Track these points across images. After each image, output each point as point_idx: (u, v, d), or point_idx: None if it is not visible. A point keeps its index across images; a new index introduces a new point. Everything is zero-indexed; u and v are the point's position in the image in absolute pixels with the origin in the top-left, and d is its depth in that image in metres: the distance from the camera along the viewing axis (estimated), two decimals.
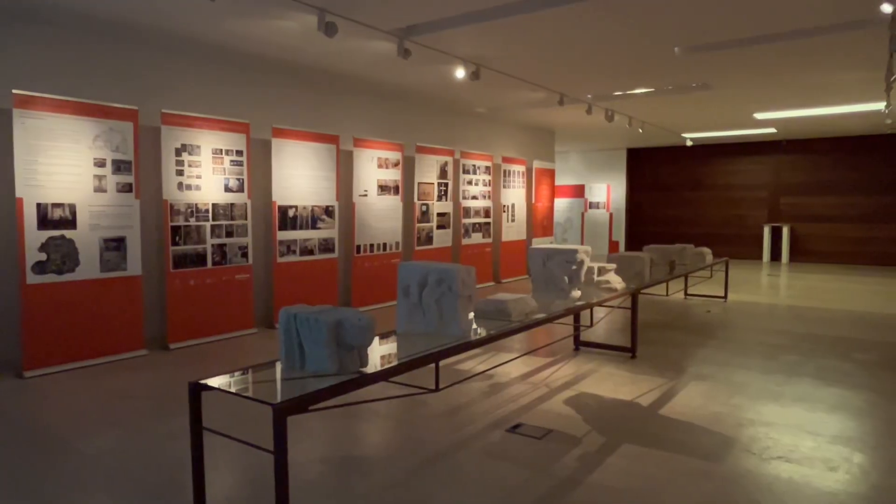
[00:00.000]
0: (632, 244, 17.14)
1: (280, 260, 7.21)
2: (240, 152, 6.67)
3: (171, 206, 6.09)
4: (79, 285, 5.40)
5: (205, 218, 6.37)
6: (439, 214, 9.77)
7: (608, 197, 17.23)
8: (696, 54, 6.57)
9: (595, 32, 5.83)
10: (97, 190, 5.51)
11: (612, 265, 5.64)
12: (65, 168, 5.30)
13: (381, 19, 5.37)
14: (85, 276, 5.43)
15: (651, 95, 8.95)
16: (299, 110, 7.81)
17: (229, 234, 6.59)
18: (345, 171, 8.12)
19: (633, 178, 17.56)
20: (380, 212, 8.62)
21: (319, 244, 7.66)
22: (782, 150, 15.22)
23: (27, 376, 5.06)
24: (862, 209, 14.33)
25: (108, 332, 5.61)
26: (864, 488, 3.10)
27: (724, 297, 9.10)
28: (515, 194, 11.76)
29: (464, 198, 10.34)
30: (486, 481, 3.18)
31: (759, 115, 11.01)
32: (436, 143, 9.79)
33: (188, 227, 6.23)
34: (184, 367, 5.46)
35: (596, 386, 4.85)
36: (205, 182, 6.36)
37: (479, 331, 3.55)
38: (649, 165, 17.26)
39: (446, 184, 9.88)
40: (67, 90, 5.48)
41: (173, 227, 6.12)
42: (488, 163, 10.91)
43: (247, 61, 6.87)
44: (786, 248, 15.05)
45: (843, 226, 14.56)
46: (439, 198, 9.76)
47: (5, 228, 5.24)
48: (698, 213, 16.57)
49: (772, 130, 13.24)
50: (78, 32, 5.70)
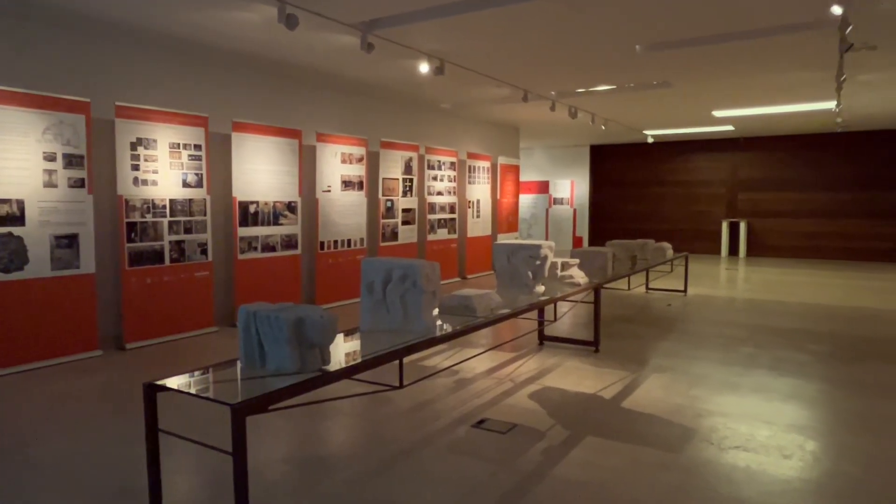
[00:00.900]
0: (595, 239, 17.38)
1: (241, 257, 7.06)
2: (198, 146, 6.50)
3: (126, 201, 5.90)
4: (27, 284, 5.19)
5: (162, 214, 6.19)
6: (404, 210, 9.73)
7: (572, 193, 17.43)
8: (656, 52, 6.67)
9: (558, 29, 5.87)
10: (47, 185, 5.30)
11: (576, 260, 5.69)
12: (12, 162, 5.07)
13: (343, 12, 5.30)
14: (34, 274, 5.22)
15: (613, 93, 9.07)
16: (260, 104, 7.65)
17: (188, 230, 6.43)
18: (307, 167, 8.01)
19: (596, 175, 17.80)
20: (344, 207, 8.53)
21: (282, 240, 7.54)
22: (740, 147, 15.62)
23: None
24: (815, 205, 14.82)
25: (60, 333, 5.41)
26: (816, 474, 3.20)
27: (684, 290, 9.29)
28: (480, 190, 11.78)
29: (429, 193, 10.31)
30: (451, 477, 3.17)
31: (718, 113, 11.27)
32: (400, 139, 9.74)
33: (145, 223, 6.05)
34: (140, 368, 5.31)
35: (560, 380, 4.89)
36: (162, 177, 6.18)
37: (443, 327, 3.53)
38: (612, 162, 17.52)
39: (411, 179, 9.84)
40: (14, 80, 5.24)
41: (129, 224, 5.93)
42: (453, 158, 10.90)
43: (205, 53, 6.70)
44: (743, 242, 15.46)
45: (797, 221, 15.03)
46: (404, 193, 9.71)
47: None
48: (659, 208, 16.89)
49: (730, 128, 13.56)
50: (26, 20, 5.46)
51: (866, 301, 8.74)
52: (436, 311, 3.56)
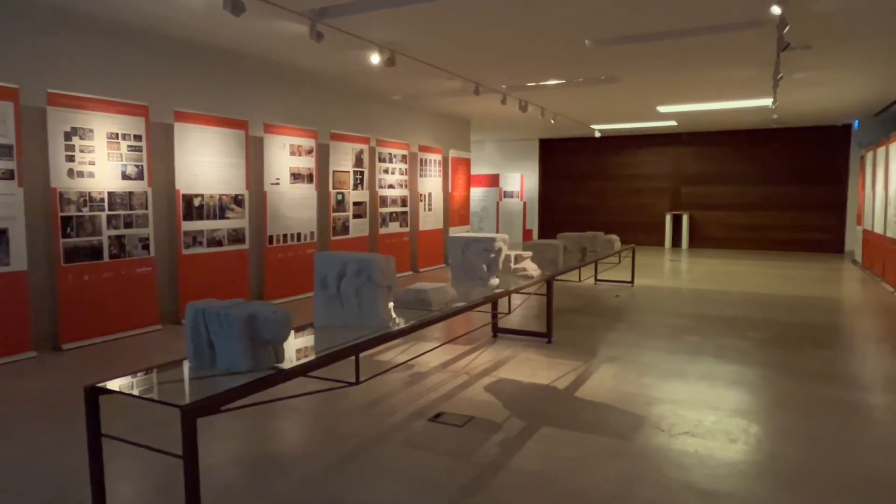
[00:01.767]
0: (544, 232, 17.64)
1: (185, 252, 6.82)
2: (138, 137, 6.22)
3: (60, 194, 5.59)
4: None
5: (100, 208, 5.90)
6: (355, 203, 9.60)
7: (521, 186, 17.62)
8: (605, 47, 6.78)
9: (509, 22, 5.88)
10: None
11: (528, 253, 5.74)
12: None
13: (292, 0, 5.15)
14: None
15: (563, 87, 9.18)
16: (205, 94, 7.38)
17: (128, 224, 6.15)
18: (255, 159, 7.79)
19: (545, 168, 18.04)
20: (293, 201, 8.34)
21: (228, 235, 7.32)
22: (682, 142, 16.11)
23: None
24: (752, 198, 15.45)
25: None
26: (759, 457, 3.33)
27: (631, 282, 9.53)
28: (432, 183, 11.75)
29: (380, 186, 10.21)
30: (408, 472, 3.15)
31: (662, 109, 11.57)
32: (351, 131, 9.59)
33: (81, 217, 5.76)
34: (79, 369, 5.05)
35: (514, 371, 4.93)
36: (99, 169, 5.89)
37: (399, 321, 3.49)
38: (560, 156, 17.79)
39: (362, 172, 9.71)
40: None
41: (64, 218, 5.63)
42: (405, 151, 10.83)
43: (146, 39, 6.40)
44: (685, 234, 15.98)
45: (736, 213, 15.65)
46: (355, 186, 9.58)
47: None
48: (606, 201, 17.27)
49: (673, 123, 13.96)
50: None
51: (801, 289, 9.17)
52: (391, 306, 3.52)
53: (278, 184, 8.10)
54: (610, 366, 5.07)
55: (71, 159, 5.67)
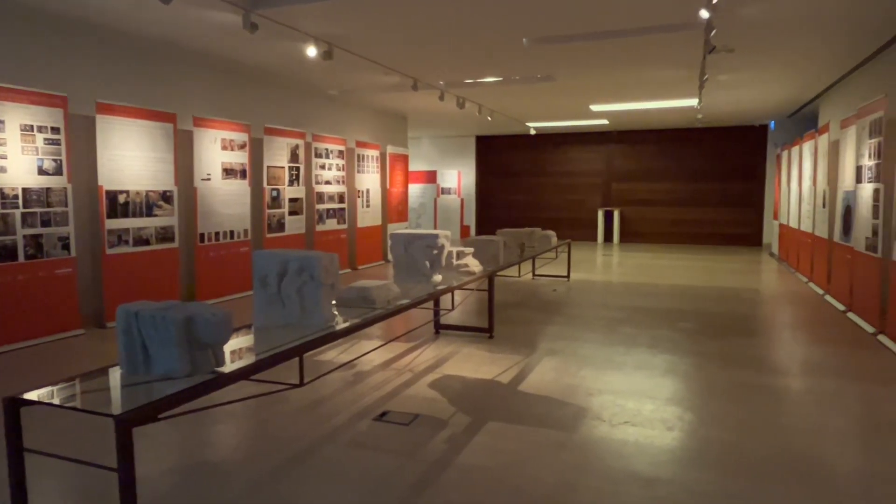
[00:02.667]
0: (482, 229, 17.81)
1: (110, 251, 6.45)
2: (56, 129, 5.83)
3: None
4: None
5: (13, 205, 5.50)
6: (291, 200, 9.37)
7: (459, 183, 17.70)
8: (542, 46, 6.88)
9: (448, 18, 5.87)
10: None
11: (470, 249, 5.77)
12: None
13: None
14: None
15: (500, 85, 9.27)
16: (130, 85, 7.00)
17: (45, 222, 5.76)
18: (184, 153, 7.46)
19: (482, 165, 18.21)
20: (226, 197, 8.05)
21: (157, 233, 6.98)
22: (613, 140, 16.63)
23: None
24: (678, 194, 16.14)
25: None
26: (695, 443, 3.47)
27: (568, 276, 9.76)
28: (370, 179, 11.63)
29: (317, 182, 10.01)
30: (355, 473, 3.09)
31: (595, 107, 11.90)
32: (286, 125, 9.34)
33: None
34: None
35: (458, 367, 4.94)
36: (12, 163, 5.48)
37: (342, 320, 3.42)
38: (497, 153, 17.99)
39: (298, 168, 9.49)
40: None
41: None
42: (342, 147, 10.65)
43: (66, 26, 6.00)
44: (617, 229, 16.51)
45: (664, 209, 16.30)
46: (291, 182, 9.35)
47: None
48: (542, 198, 17.61)
49: (605, 122, 14.39)
50: None
51: (725, 281, 9.65)
52: (333, 304, 3.45)
53: (209, 179, 7.79)
54: (551, 359, 5.16)
55: None
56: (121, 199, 6.55)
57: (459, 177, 17.73)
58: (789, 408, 4.06)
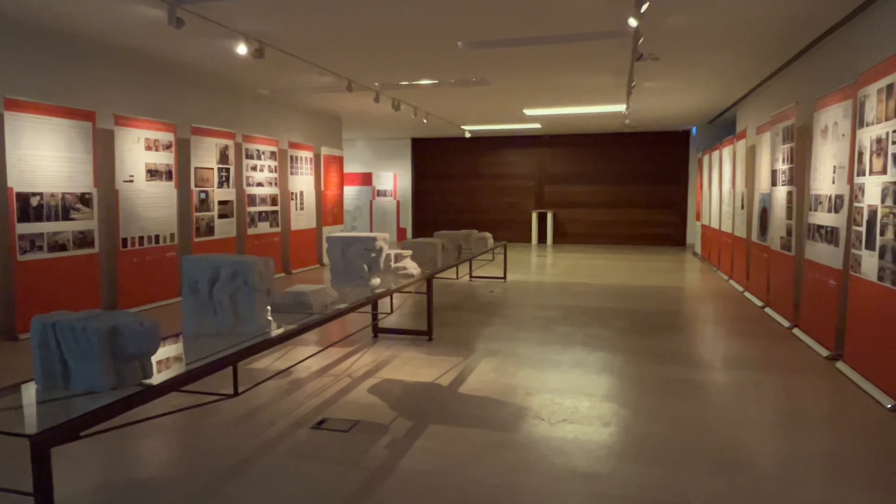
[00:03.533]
0: (418, 231, 17.80)
1: (22, 258, 6.02)
2: None
3: None
4: None
5: None
6: (221, 202, 9.05)
7: (395, 185, 17.64)
8: (476, 50, 6.94)
9: (383, 19, 5.82)
10: None
11: (409, 252, 5.73)
12: None
13: None
14: None
15: (435, 87, 9.29)
16: (44, 80, 6.55)
17: None
18: (104, 154, 7.06)
19: (417, 167, 18.20)
20: (150, 200, 7.68)
21: (74, 238, 6.57)
22: (545, 143, 17.00)
23: None
24: (607, 196, 16.67)
25: None
26: (630, 437, 3.57)
27: (504, 277, 9.88)
28: (304, 181, 11.39)
29: (248, 184, 9.71)
30: (295, 484, 3.00)
31: (528, 111, 12.11)
32: (215, 125, 9.02)
33: None
34: None
35: (397, 371, 4.89)
36: None
37: (278, 326, 3.32)
38: (432, 155, 18.03)
39: (228, 169, 9.18)
40: None
41: None
42: (274, 148, 10.39)
43: None
44: (550, 231, 16.88)
45: (594, 210, 16.80)
46: (220, 184, 9.03)
47: None
48: (477, 200, 17.79)
49: (537, 126, 14.68)
50: None
51: (653, 280, 10.03)
52: (268, 310, 3.34)
53: (132, 181, 7.42)
54: (490, 360, 5.20)
55: None
56: (33, 201, 6.13)
57: (395, 179, 17.67)
58: (715, 399, 4.25)
